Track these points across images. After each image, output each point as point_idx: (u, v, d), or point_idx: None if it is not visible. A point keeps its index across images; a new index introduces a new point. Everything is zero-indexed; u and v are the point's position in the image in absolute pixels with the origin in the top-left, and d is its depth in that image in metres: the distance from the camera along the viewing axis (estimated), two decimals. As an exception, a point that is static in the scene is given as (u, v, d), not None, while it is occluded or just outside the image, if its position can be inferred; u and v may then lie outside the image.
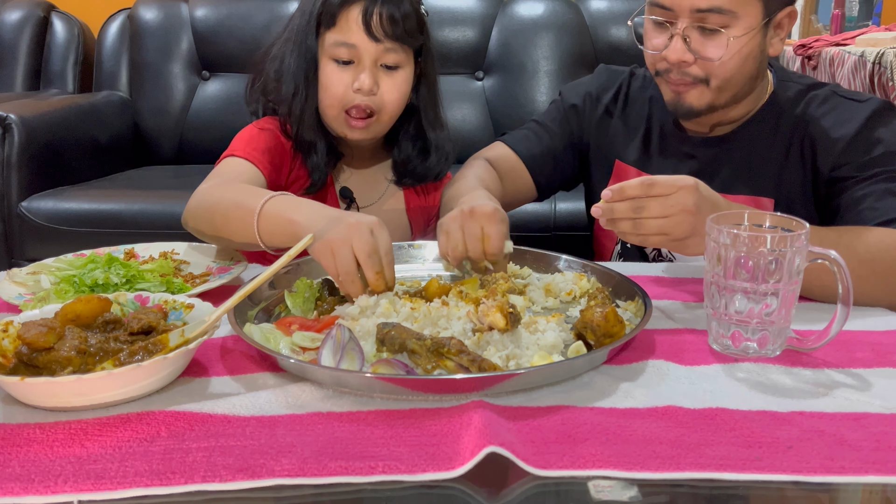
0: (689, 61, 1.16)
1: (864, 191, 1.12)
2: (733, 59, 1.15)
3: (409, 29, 1.28)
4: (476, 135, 2.77)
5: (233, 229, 1.11)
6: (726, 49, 1.14)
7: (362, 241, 0.94)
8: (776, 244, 0.79)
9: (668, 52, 1.17)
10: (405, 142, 1.40)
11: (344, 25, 1.26)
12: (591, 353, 0.81)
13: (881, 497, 0.64)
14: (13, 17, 2.97)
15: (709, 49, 1.15)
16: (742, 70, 1.18)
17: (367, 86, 1.26)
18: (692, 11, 1.13)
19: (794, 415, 0.71)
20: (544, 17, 2.77)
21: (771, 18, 1.17)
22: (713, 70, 1.16)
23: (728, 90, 1.19)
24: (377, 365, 0.78)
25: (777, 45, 1.21)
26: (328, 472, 0.62)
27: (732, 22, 1.13)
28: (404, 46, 1.29)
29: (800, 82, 1.27)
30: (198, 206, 1.18)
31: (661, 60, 1.19)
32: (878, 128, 1.16)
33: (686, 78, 1.18)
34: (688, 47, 1.15)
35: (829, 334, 0.81)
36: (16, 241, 2.33)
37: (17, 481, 0.61)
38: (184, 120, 2.87)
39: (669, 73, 1.20)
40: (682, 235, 0.94)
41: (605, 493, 0.61)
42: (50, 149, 2.43)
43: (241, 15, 2.85)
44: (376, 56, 1.27)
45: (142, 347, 0.76)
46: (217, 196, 1.17)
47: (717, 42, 1.14)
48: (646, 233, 0.94)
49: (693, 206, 0.93)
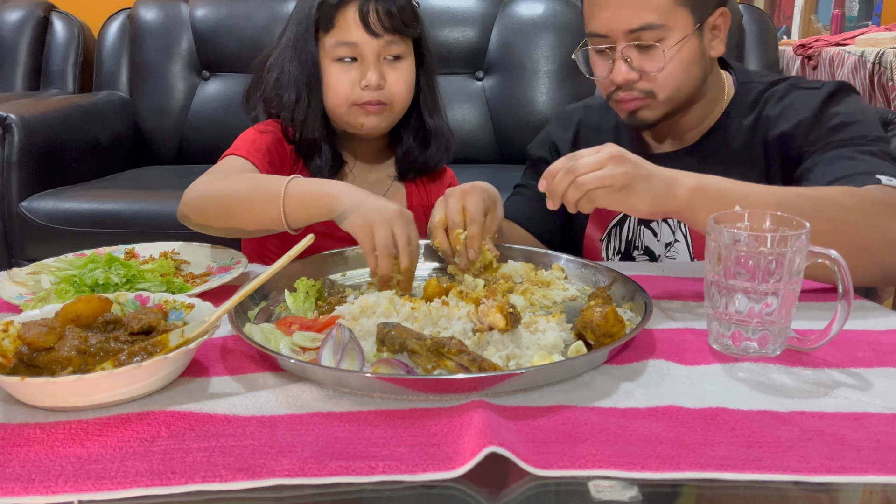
0: (634, 79, 1.22)
1: (817, 159, 1.15)
2: (675, 68, 1.21)
3: (406, 20, 1.30)
4: (476, 135, 2.77)
5: (254, 214, 1.13)
6: (665, 60, 1.19)
7: (403, 229, 1.00)
8: (776, 244, 0.79)
9: (613, 76, 1.22)
10: (406, 133, 1.41)
11: (343, 26, 1.28)
12: (592, 353, 0.81)
13: (882, 497, 0.64)
14: (13, 17, 2.97)
15: (649, 64, 1.20)
16: (688, 76, 1.23)
17: (375, 81, 1.28)
18: (626, 33, 1.19)
19: (794, 415, 0.71)
20: (544, 17, 2.77)
21: (703, 23, 1.22)
22: (658, 83, 1.22)
23: (677, 98, 1.24)
24: (377, 365, 0.78)
25: (718, 46, 1.26)
26: (328, 472, 0.62)
27: (665, 34, 1.19)
28: (404, 38, 1.31)
29: (761, 81, 1.31)
30: (204, 198, 1.18)
31: (611, 84, 1.25)
32: (832, 106, 1.20)
33: (633, 93, 1.23)
34: (630, 67, 1.21)
35: (829, 334, 0.81)
36: (16, 241, 2.33)
37: (17, 481, 0.61)
38: (184, 120, 2.87)
39: (618, 93, 1.24)
40: (623, 182, 0.95)
41: (605, 493, 0.61)
42: (50, 149, 2.43)
43: (241, 15, 2.85)
44: (378, 51, 1.29)
45: (142, 348, 0.76)
46: (227, 185, 1.19)
47: (656, 56, 1.20)
48: (588, 187, 0.95)
49: (619, 153, 0.97)
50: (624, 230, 1.38)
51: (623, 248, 1.38)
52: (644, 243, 1.35)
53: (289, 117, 1.33)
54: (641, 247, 1.36)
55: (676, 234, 1.32)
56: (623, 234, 1.38)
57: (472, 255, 1.07)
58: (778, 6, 3.61)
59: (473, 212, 1.07)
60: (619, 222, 1.38)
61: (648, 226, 1.35)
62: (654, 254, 1.35)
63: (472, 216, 1.07)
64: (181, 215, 1.21)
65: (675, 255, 1.33)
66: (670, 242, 1.33)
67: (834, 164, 1.11)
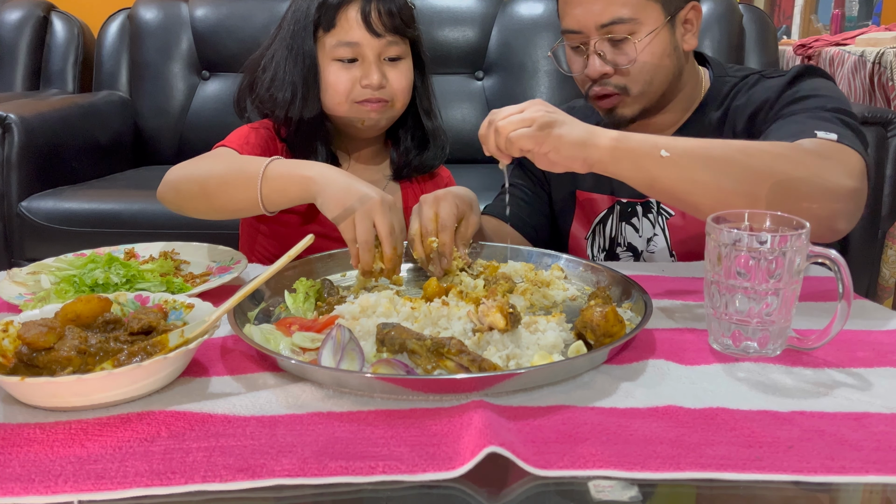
0: (609, 73, 1.24)
1: (769, 127, 1.17)
2: (647, 61, 1.22)
3: (405, 20, 1.31)
4: (476, 135, 2.77)
5: (231, 195, 1.14)
6: (637, 53, 1.21)
7: (385, 217, 1.01)
8: (776, 244, 0.79)
9: (588, 71, 1.24)
10: (403, 134, 1.42)
11: (344, 25, 1.28)
12: (592, 353, 0.81)
13: (882, 497, 0.64)
14: (13, 17, 2.97)
15: (621, 57, 1.22)
16: (661, 69, 1.24)
17: (377, 81, 1.28)
18: (598, 28, 1.21)
19: (794, 414, 0.71)
20: (544, 17, 2.77)
21: (674, 16, 1.24)
22: (631, 77, 1.23)
23: (651, 92, 1.26)
24: (377, 365, 0.78)
25: (690, 39, 1.27)
26: (328, 472, 0.62)
27: (636, 28, 1.20)
28: (403, 38, 1.32)
29: (735, 75, 1.33)
30: (183, 178, 1.20)
31: (587, 80, 1.26)
32: (795, 85, 1.21)
33: (608, 87, 1.25)
34: (604, 60, 1.22)
35: (829, 334, 0.81)
36: (16, 241, 2.33)
37: (17, 481, 0.61)
38: (184, 120, 2.87)
39: (594, 88, 1.26)
40: (547, 121, 0.97)
41: (605, 493, 0.61)
42: (50, 149, 2.43)
43: (241, 15, 2.85)
44: (379, 51, 1.29)
45: (142, 348, 0.76)
46: (206, 165, 1.20)
47: (628, 49, 1.21)
48: (511, 130, 0.97)
49: (541, 102, 1.00)
50: (607, 228, 1.39)
51: (607, 246, 1.39)
52: (626, 240, 1.37)
53: (282, 116, 1.32)
54: (624, 243, 1.37)
55: (655, 227, 1.34)
56: (607, 232, 1.39)
57: (445, 262, 1.08)
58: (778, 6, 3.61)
59: (445, 218, 1.08)
60: (601, 220, 1.39)
61: (630, 222, 1.36)
62: (636, 250, 1.36)
63: (443, 223, 1.08)
64: (160, 195, 1.23)
65: (655, 249, 1.34)
66: (651, 237, 1.34)
67: (780, 130, 1.13)
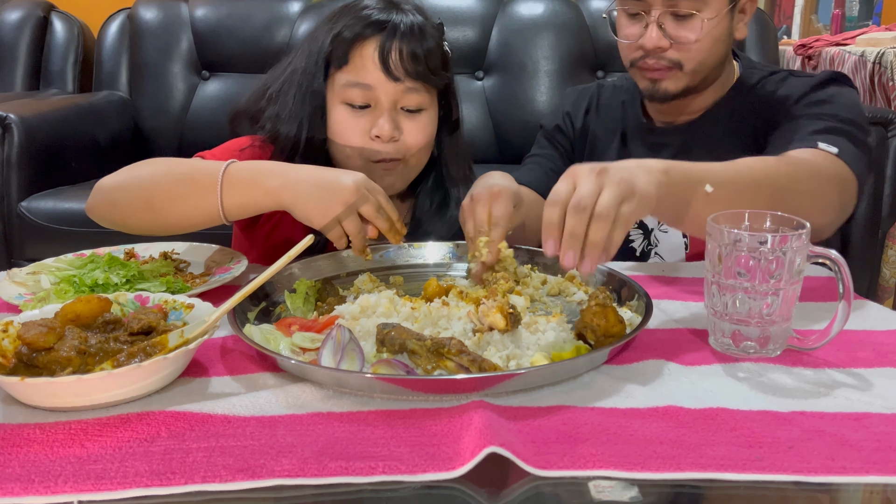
0: (666, 47, 1.22)
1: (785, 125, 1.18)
2: (706, 41, 1.22)
3: (432, 66, 1.14)
4: (476, 135, 2.77)
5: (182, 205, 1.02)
6: (701, 31, 1.20)
7: (366, 201, 0.96)
8: (776, 244, 0.79)
9: (644, 41, 1.22)
10: (423, 197, 1.26)
11: (358, 63, 1.13)
12: (591, 353, 0.81)
13: (882, 497, 0.64)
14: (13, 17, 2.97)
15: (684, 33, 1.21)
16: (713, 52, 1.24)
17: (388, 132, 1.13)
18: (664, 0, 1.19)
19: (794, 415, 0.71)
20: (544, 17, 2.77)
21: (736, 3, 1.25)
22: (688, 54, 1.23)
23: (701, 72, 1.26)
24: (377, 365, 0.78)
25: (742, 29, 1.29)
26: (328, 473, 0.62)
27: (702, 7, 1.20)
28: (427, 86, 1.16)
29: (763, 69, 1.34)
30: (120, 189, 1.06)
31: (637, 50, 1.25)
32: (820, 90, 1.22)
33: (661, 62, 1.24)
34: (664, 33, 1.21)
35: (829, 334, 0.81)
36: (16, 241, 2.33)
37: (17, 481, 0.61)
38: (184, 120, 2.87)
39: (645, 59, 1.25)
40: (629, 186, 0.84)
41: (605, 493, 0.61)
42: (50, 149, 2.43)
43: (241, 15, 2.85)
44: (395, 97, 1.14)
45: (141, 348, 0.76)
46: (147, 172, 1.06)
47: (692, 25, 1.21)
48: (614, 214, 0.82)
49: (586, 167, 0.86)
50: None
51: None
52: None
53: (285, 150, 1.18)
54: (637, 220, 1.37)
55: None
56: None
57: (490, 258, 1.01)
58: (778, 6, 3.61)
59: (499, 217, 1.01)
60: None
61: None
62: (647, 228, 1.37)
63: (497, 221, 1.01)
64: (89, 209, 1.09)
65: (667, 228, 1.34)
66: None
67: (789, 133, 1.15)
